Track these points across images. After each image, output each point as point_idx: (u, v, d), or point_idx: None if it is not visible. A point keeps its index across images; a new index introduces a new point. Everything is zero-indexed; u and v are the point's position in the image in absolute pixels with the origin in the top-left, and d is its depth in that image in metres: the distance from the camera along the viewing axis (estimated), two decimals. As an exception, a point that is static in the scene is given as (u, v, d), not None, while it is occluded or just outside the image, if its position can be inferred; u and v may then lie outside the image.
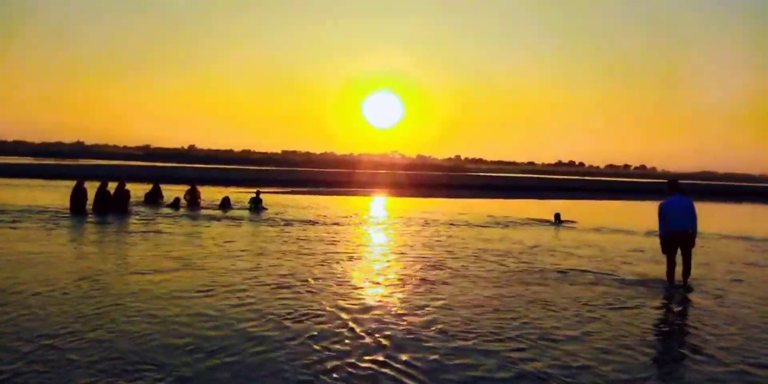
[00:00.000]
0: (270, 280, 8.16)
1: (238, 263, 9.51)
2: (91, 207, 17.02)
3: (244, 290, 7.47)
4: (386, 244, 13.09)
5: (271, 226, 15.41)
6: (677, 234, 8.80)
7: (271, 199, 25.01)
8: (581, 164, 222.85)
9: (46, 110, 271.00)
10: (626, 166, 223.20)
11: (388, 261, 10.45)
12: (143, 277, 8.15)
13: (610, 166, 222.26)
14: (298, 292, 7.47)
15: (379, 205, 28.02)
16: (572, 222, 19.03)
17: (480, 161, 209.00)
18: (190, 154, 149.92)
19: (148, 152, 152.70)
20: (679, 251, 8.85)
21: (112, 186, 17.66)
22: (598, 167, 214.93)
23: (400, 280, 8.63)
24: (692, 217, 8.78)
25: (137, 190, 20.09)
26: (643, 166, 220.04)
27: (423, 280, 8.61)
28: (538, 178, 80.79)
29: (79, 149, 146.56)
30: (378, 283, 8.34)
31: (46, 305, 6.40)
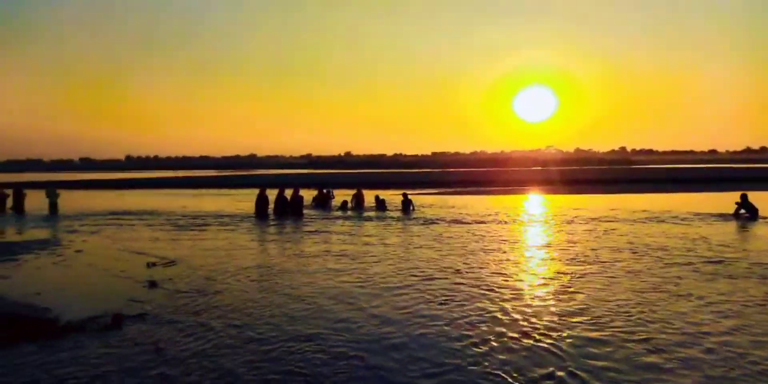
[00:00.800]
0: (419, 272, 8.93)
1: (389, 257, 10.45)
2: (272, 211, 19.41)
3: (399, 280, 8.32)
4: (534, 240, 13.19)
5: (421, 224, 16.28)
6: None
7: (421, 200, 26.04)
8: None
9: (223, 128, 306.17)
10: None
11: (534, 256, 10.65)
12: (316, 266, 9.42)
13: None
14: (452, 282, 8.13)
15: (530, 202, 27.64)
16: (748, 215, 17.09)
17: (650, 152, 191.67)
18: (346, 160, 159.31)
19: (310, 160, 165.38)
20: None
21: (286, 192, 19.95)
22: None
23: (549, 274, 8.86)
24: None
25: (307, 195, 22.35)
26: None
27: (570, 273, 8.75)
28: (716, 167, 72.53)
29: (253, 161, 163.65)
30: (527, 276, 8.68)
31: (245, 284, 7.85)
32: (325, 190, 23.48)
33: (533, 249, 11.66)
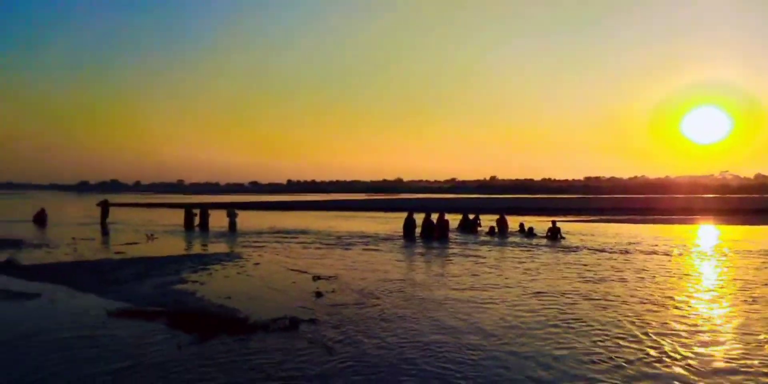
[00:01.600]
0: (550, 297, 8.93)
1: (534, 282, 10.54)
2: (418, 234, 20.32)
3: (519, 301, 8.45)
4: (701, 277, 12.32)
5: (569, 252, 15.93)
6: None
7: (570, 227, 25.22)
8: None
9: (370, 154, 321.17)
10: None
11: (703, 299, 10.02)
12: (455, 288, 9.88)
13: None
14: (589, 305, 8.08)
15: (698, 233, 25.37)
16: None
17: None
18: (492, 184, 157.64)
19: (454, 185, 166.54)
20: None
21: (432, 216, 20.75)
22: None
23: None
24: None
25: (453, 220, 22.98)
26: None
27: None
28: None
29: (399, 185, 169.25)
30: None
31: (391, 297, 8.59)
32: (471, 216, 23.89)
33: (674, 280, 10.98)
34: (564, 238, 20.04)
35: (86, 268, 12.50)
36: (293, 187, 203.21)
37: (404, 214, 22.17)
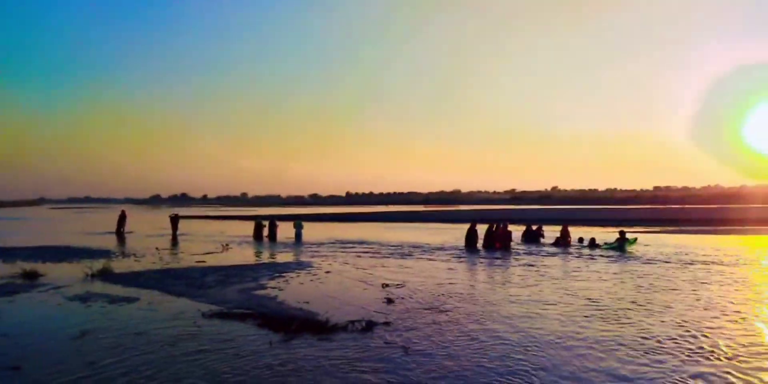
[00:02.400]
0: (604, 307, 9.09)
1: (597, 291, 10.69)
2: (481, 244, 20.61)
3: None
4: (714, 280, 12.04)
5: (627, 261, 15.81)
6: None
7: (642, 237, 24.69)
8: None
9: (427, 167, 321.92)
10: None
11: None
12: (514, 299, 10.21)
13: None
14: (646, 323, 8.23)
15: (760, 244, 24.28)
16: None
17: None
18: (553, 195, 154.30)
19: (514, 196, 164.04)
20: None
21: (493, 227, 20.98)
22: None
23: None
24: None
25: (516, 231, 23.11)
26: None
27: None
28: None
29: (457, 196, 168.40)
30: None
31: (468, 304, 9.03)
32: (534, 227, 23.91)
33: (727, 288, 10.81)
34: (629, 248, 19.81)
35: (173, 275, 13.64)
36: (352, 199, 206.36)
37: (464, 225, 22.53)
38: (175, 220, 29.85)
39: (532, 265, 15.36)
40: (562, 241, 21.85)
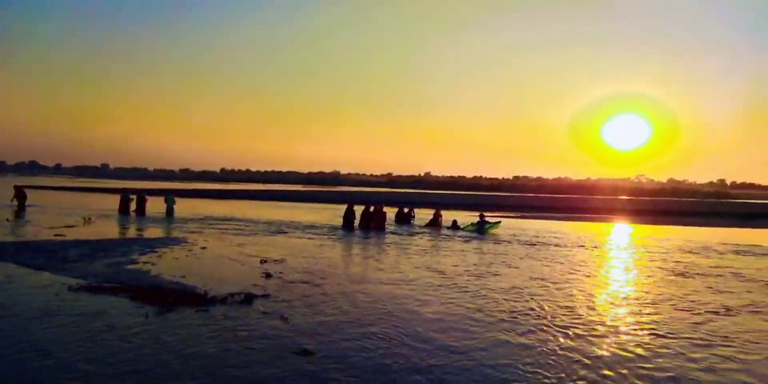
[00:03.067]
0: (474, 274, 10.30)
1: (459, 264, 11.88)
2: (357, 224, 21.38)
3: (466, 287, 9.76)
4: (603, 266, 14.10)
5: (491, 242, 17.54)
6: None
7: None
8: None
9: (307, 146, 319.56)
10: None
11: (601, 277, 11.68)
12: (378, 269, 11.06)
13: None
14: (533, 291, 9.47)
15: (610, 230, 27.89)
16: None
17: (751, 186, 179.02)
18: (425, 180, 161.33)
19: (390, 179, 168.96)
20: None
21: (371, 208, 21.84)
22: None
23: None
24: None
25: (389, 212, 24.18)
26: None
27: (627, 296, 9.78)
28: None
29: (336, 177, 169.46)
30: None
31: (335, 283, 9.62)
32: (406, 209, 25.19)
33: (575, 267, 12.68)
34: (488, 230, 21.62)
35: (31, 248, 12.67)
36: (227, 175, 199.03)
37: (341, 206, 23.15)
38: (20, 190, 26.97)
39: (399, 244, 16.43)
40: (434, 223, 23.33)
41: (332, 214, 28.64)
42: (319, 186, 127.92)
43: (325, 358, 5.66)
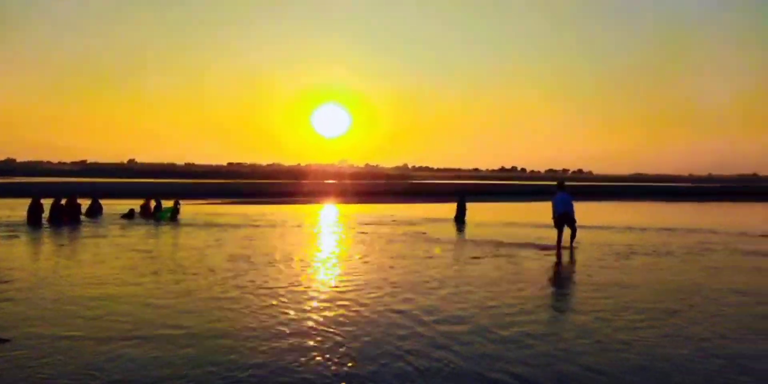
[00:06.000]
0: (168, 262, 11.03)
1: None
2: (46, 219, 19.15)
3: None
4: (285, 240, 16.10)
5: (193, 227, 18.15)
6: (560, 216, 13.80)
7: (211, 209, 27.47)
8: (523, 170, 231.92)
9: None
10: (564, 170, 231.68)
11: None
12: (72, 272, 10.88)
13: (550, 170, 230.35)
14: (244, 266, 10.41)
15: (315, 211, 30.85)
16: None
17: (427, 169, 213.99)
18: (131, 168, 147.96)
19: (85, 167, 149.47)
20: (566, 227, 13.75)
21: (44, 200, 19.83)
22: (539, 172, 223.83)
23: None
24: (569, 205, 13.78)
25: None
26: (580, 170, 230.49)
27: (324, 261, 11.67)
28: (469, 183, 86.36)
29: (10, 166, 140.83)
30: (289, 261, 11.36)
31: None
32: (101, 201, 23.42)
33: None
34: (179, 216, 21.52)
35: None
36: None
37: (22, 200, 20.43)
38: None
39: (98, 236, 15.78)
40: (131, 214, 22.14)
41: (7, 208, 24.52)
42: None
43: None
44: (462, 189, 38.29)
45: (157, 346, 5.84)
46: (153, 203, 22.78)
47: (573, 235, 13.96)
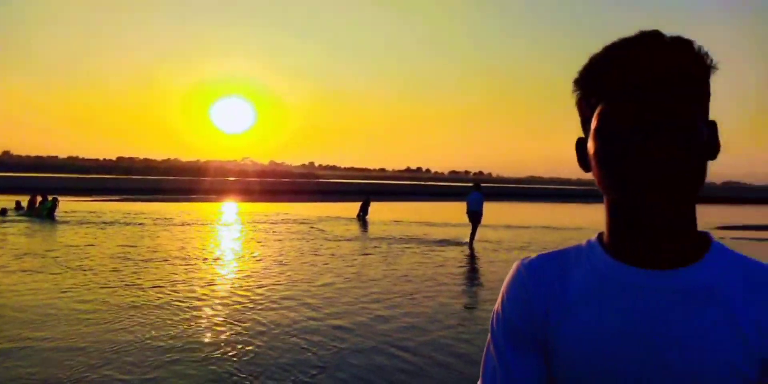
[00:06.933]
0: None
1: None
2: None
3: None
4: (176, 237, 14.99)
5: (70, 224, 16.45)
6: (471, 213, 14.61)
7: (99, 207, 25.21)
8: (428, 170, 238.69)
9: None
10: (466, 172, 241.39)
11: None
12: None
13: (453, 172, 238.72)
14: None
15: (210, 210, 29.27)
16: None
17: (334, 168, 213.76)
18: (4, 161, 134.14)
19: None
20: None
21: None
22: (442, 173, 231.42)
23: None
24: (480, 205, 14.58)
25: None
26: (480, 172, 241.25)
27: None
28: (373, 183, 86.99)
29: None
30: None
31: None
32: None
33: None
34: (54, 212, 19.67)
35: None
36: None
37: None
38: None
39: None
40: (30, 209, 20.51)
41: None
42: None
43: None
44: (368, 189, 38.20)
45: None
46: (39, 199, 20.74)
47: (473, 235, 14.80)
